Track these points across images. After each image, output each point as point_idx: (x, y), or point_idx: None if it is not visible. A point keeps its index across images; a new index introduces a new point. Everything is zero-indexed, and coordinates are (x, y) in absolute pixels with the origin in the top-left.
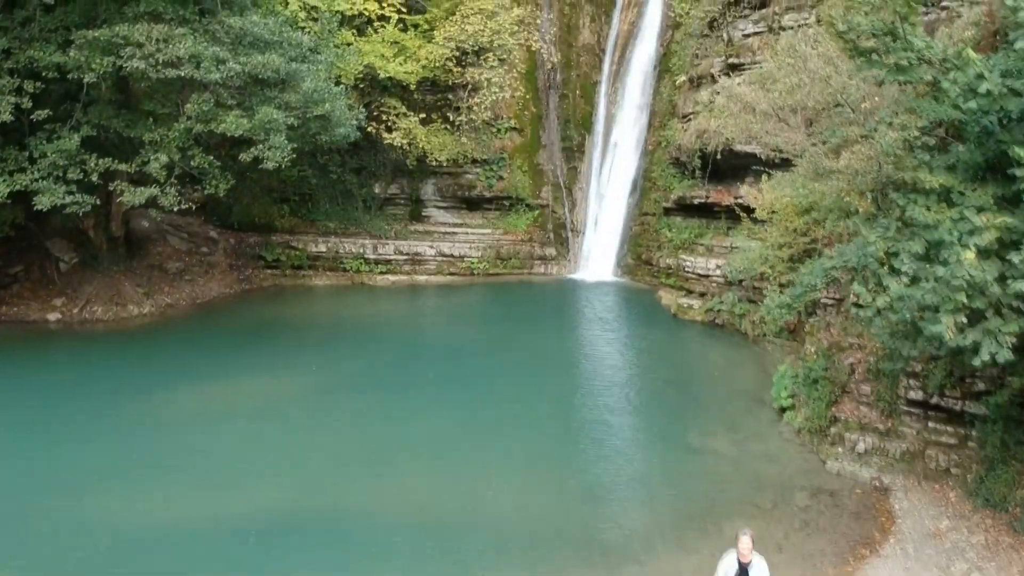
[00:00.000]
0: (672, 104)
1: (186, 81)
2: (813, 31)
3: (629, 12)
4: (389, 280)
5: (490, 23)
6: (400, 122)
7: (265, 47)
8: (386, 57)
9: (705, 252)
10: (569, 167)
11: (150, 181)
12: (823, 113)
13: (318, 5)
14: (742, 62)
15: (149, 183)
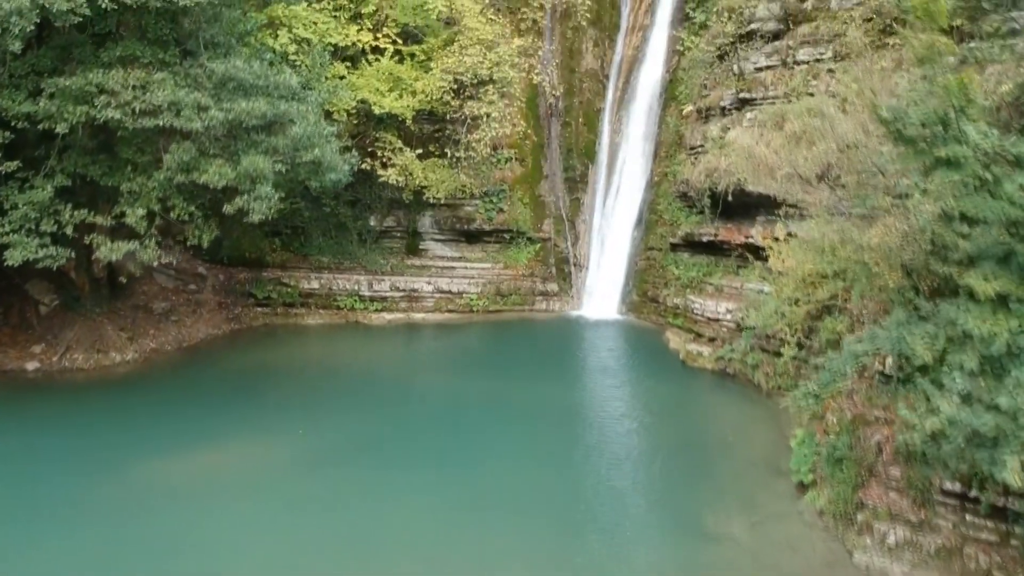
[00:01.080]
0: (679, 135)
1: (166, 129)
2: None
3: (633, 36)
4: (385, 319)
5: (490, 54)
6: (396, 158)
7: (250, 91)
8: (381, 91)
9: (715, 293)
10: (572, 198)
11: (129, 233)
12: (849, 174)
13: (309, 37)
14: (754, 97)
15: (127, 235)
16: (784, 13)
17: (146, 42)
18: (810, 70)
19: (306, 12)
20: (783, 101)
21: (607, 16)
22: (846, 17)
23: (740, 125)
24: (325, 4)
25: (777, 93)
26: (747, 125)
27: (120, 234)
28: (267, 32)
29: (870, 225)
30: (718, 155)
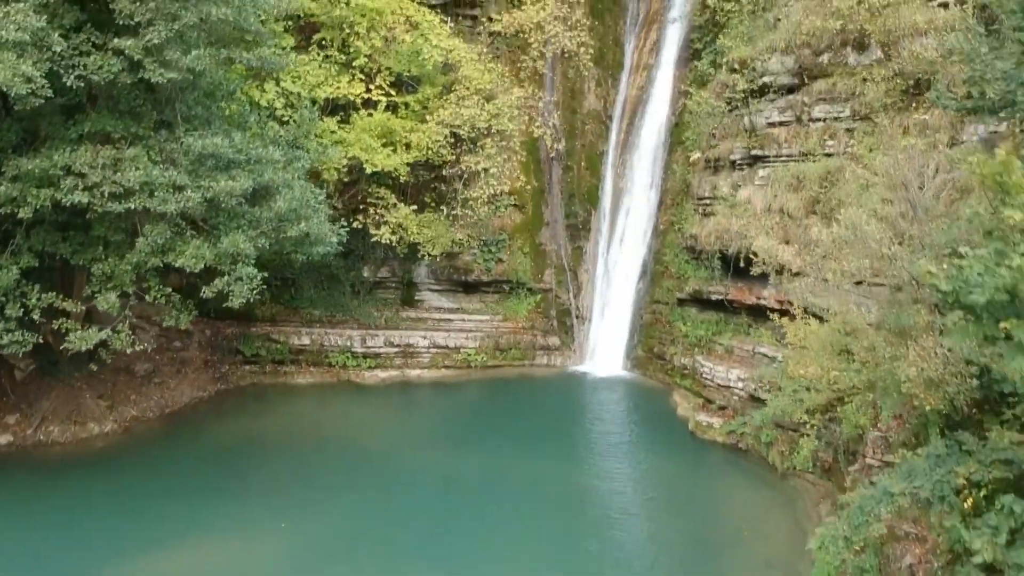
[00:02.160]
0: (686, 183)
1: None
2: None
3: (638, 76)
4: (378, 376)
5: (488, 105)
6: (389, 215)
7: (231, 166)
8: (373, 148)
9: (724, 355)
10: (574, 247)
11: (101, 316)
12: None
13: (299, 91)
14: (767, 154)
15: (100, 319)
16: (798, 67)
17: (118, 114)
18: (826, 129)
19: (293, 64)
20: (798, 159)
21: (610, 54)
22: (865, 74)
23: (752, 183)
24: (314, 54)
25: (792, 151)
26: (759, 183)
27: (92, 318)
28: (254, 85)
29: (903, 340)
30: (728, 215)
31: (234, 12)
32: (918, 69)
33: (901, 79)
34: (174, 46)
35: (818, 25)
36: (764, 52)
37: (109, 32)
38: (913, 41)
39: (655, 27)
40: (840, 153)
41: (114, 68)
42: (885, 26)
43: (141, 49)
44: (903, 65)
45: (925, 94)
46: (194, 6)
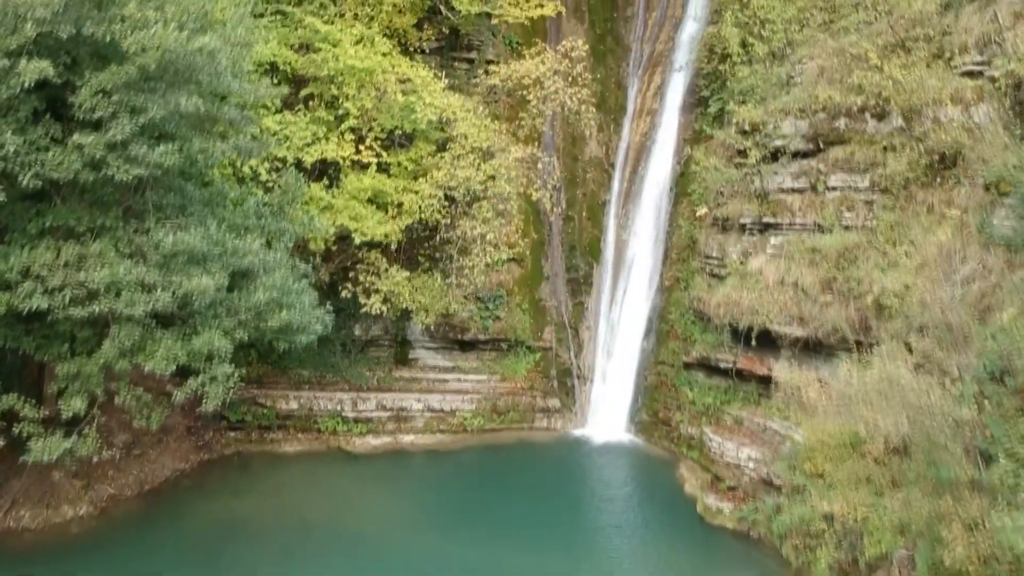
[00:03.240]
0: (692, 239)
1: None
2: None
3: (641, 121)
4: (370, 444)
5: (485, 166)
6: (381, 282)
7: (204, 259)
8: (363, 215)
9: (734, 427)
10: (575, 302)
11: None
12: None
13: (284, 155)
14: (779, 223)
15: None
16: (813, 132)
17: (84, 205)
18: (843, 199)
19: (279, 125)
20: (813, 230)
21: (612, 98)
22: (885, 143)
23: (763, 251)
24: (301, 113)
25: (806, 221)
26: (771, 252)
27: (56, 421)
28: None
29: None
30: (739, 287)
31: (208, 102)
32: (943, 143)
33: (925, 152)
34: (140, 140)
35: (837, 100)
36: (776, 114)
37: (70, 123)
38: (938, 110)
39: (659, 70)
40: (858, 226)
41: (75, 165)
42: (907, 96)
43: (103, 146)
44: (927, 138)
45: (952, 169)
46: (162, 98)
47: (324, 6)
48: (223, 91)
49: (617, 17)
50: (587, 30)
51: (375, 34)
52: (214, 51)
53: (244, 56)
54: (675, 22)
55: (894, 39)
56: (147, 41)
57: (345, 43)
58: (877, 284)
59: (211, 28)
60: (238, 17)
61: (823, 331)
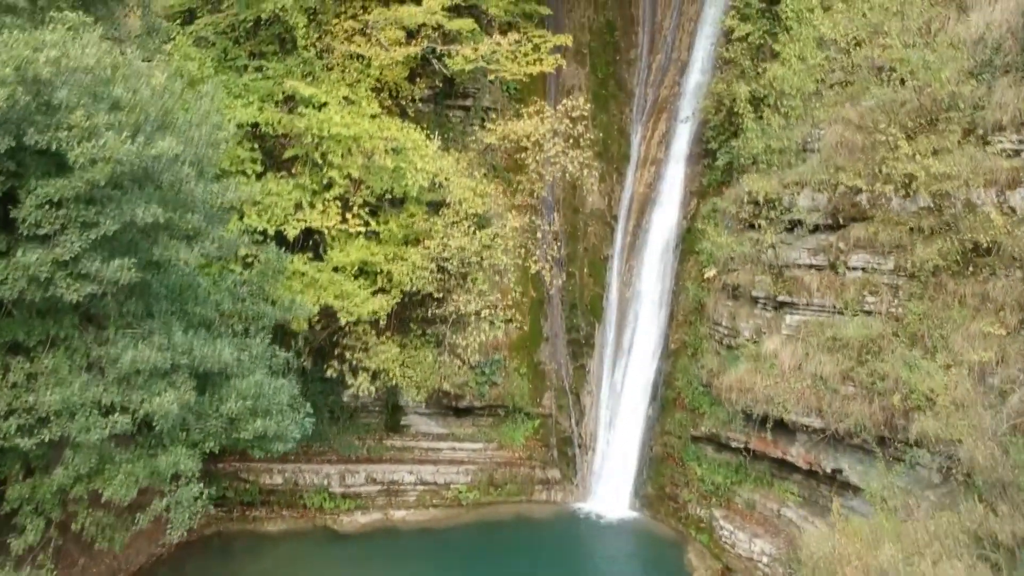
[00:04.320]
0: (700, 302)
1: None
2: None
3: (645, 171)
4: (359, 522)
5: (480, 234)
6: (369, 359)
7: (169, 372)
8: (349, 292)
9: (745, 510)
10: (576, 365)
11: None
12: None
13: (265, 227)
14: (795, 302)
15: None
16: (832, 207)
17: (35, 315)
18: (866, 282)
19: (261, 194)
20: (832, 312)
21: (615, 145)
22: (912, 224)
23: (778, 331)
24: (283, 180)
25: (824, 303)
26: (787, 333)
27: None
28: None
29: None
30: (752, 369)
31: (168, 212)
32: (976, 230)
33: (957, 239)
34: (92, 255)
35: (859, 183)
36: (792, 187)
37: (15, 235)
38: (969, 192)
39: (664, 117)
40: (882, 313)
41: (19, 284)
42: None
43: (50, 264)
44: (958, 223)
45: (986, 258)
46: (115, 210)
47: (309, 62)
48: (187, 197)
49: (620, 60)
50: (588, 74)
51: (363, 97)
52: (176, 156)
53: (212, 156)
54: (680, 66)
55: (919, 111)
56: (96, 152)
57: (331, 107)
58: (904, 383)
59: (174, 128)
60: (201, 115)
61: (844, 426)
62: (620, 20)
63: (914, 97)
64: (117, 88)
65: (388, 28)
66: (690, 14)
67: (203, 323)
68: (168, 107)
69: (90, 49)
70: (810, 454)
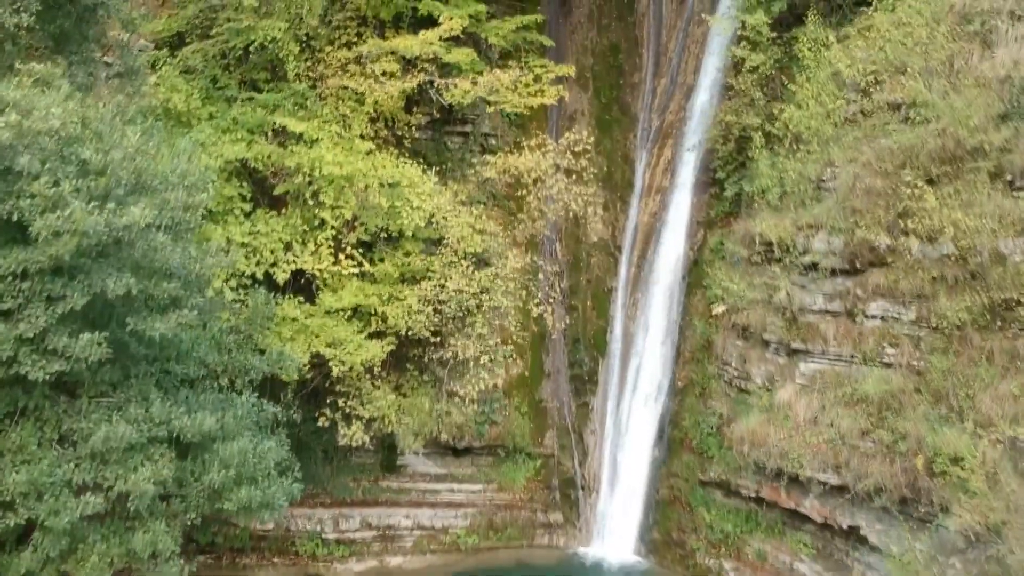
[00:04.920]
0: (708, 340)
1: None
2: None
3: (650, 200)
4: (353, 570)
5: (479, 275)
6: (363, 407)
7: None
8: (342, 339)
9: (756, 561)
10: (579, 403)
11: None
12: None
13: (253, 271)
14: (809, 349)
15: None
16: (850, 251)
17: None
18: (885, 332)
19: (249, 236)
20: (849, 361)
21: (619, 172)
22: (935, 273)
23: (792, 379)
24: (271, 219)
25: (841, 352)
26: (801, 382)
27: None
28: None
29: None
30: (764, 421)
31: (142, 281)
32: (1006, 283)
33: (984, 291)
34: (59, 330)
35: (876, 234)
36: (806, 229)
37: None
38: (997, 241)
39: (669, 143)
40: (903, 365)
41: None
42: (962, 235)
43: (13, 341)
44: (985, 274)
45: (1015, 311)
46: (84, 281)
47: (301, 94)
48: (162, 265)
49: (623, 84)
50: (591, 99)
51: (356, 135)
52: (149, 224)
53: (190, 220)
54: (686, 91)
55: (942, 153)
56: (61, 225)
57: (323, 144)
58: (928, 445)
59: (148, 190)
60: (178, 175)
61: (864, 486)
62: (624, 42)
63: (936, 139)
64: (86, 149)
65: (383, 59)
66: (696, 36)
67: (185, 381)
68: (141, 168)
69: (56, 109)
70: (825, 507)
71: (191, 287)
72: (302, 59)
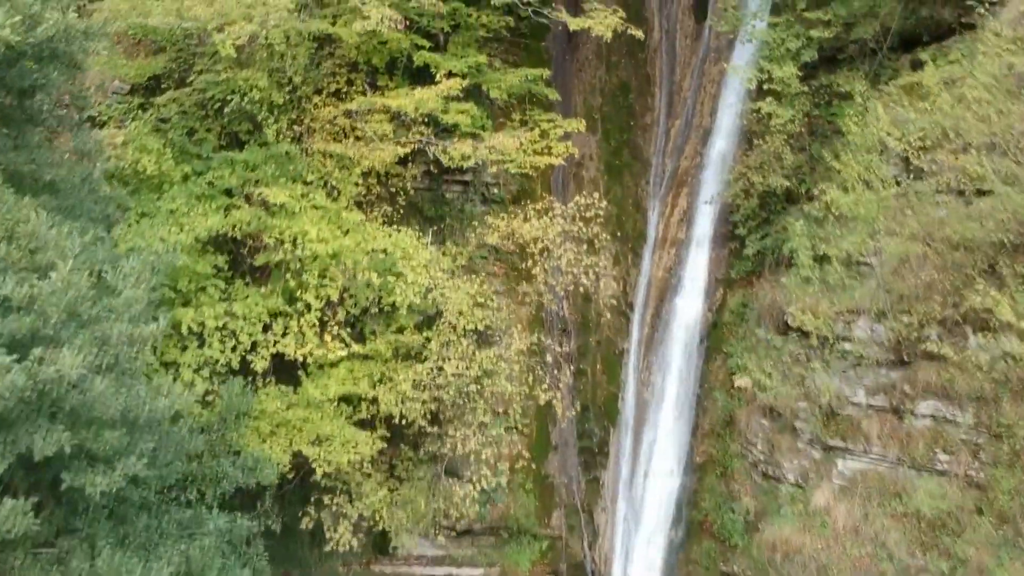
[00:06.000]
0: (729, 415)
1: None
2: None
3: (664, 254)
4: None
5: (480, 356)
6: (352, 506)
7: None
8: (327, 434)
9: None
10: (589, 478)
11: None
12: None
13: (228, 359)
14: (848, 447)
15: None
16: (896, 341)
17: None
18: (937, 435)
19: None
20: (893, 464)
21: (630, 222)
22: (998, 374)
23: (829, 478)
24: (252, 301)
25: (886, 454)
26: (840, 484)
27: None
28: (172, 342)
29: None
30: (799, 527)
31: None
32: None
33: None
34: None
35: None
36: (845, 314)
37: None
38: None
39: (684, 192)
40: (959, 476)
41: None
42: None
43: None
44: None
45: None
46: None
47: (287, 153)
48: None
49: (634, 126)
50: (600, 141)
51: (343, 207)
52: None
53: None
54: (702, 134)
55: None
56: None
57: (306, 219)
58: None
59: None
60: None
61: None
62: (635, 80)
63: (999, 226)
64: (6, 283)
65: (374, 118)
66: (713, 75)
67: (143, 506)
68: (74, 302)
69: None
70: None
71: (140, 431)
72: (287, 112)
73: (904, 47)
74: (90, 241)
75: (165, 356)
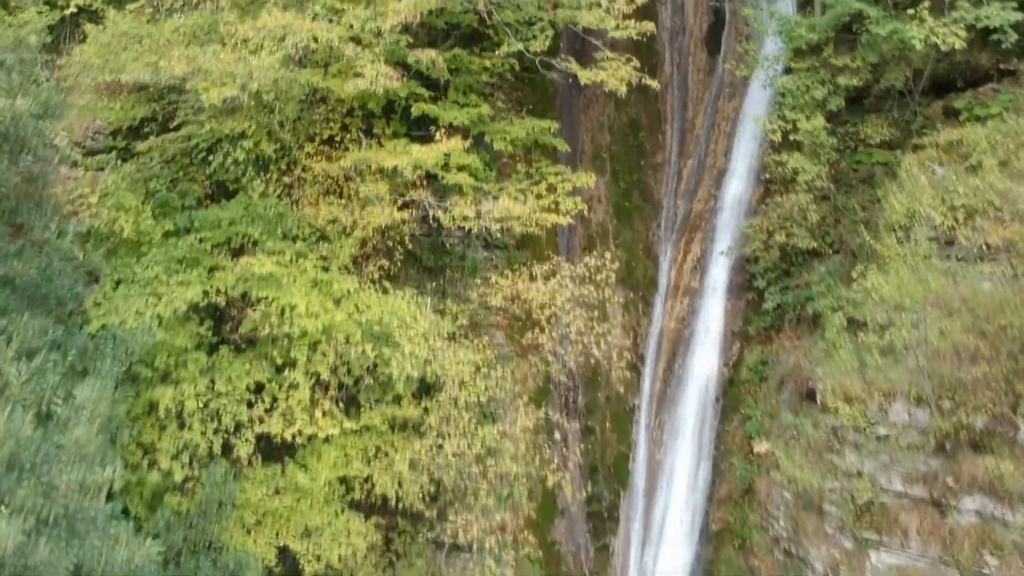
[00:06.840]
0: (748, 481)
1: None
2: None
3: (677, 303)
4: None
5: (483, 432)
6: None
7: None
8: (317, 526)
9: None
10: (598, 546)
11: None
12: None
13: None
14: (882, 540)
15: None
16: (936, 427)
17: None
18: (984, 534)
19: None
20: (934, 562)
21: (640, 268)
22: None
23: (862, 572)
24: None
25: (926, 551)
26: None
27: None
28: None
29: None
30: None
31: None
32: None
33: None
34: None
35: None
36: (880, 397)
37: None
38: None
39: (698, 237)
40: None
41: None
42: None
43: None
44: None
45: None
46: None
47: (275, 209)
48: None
49: (644, 166)
50: (608, 182)
51: (335, 278)
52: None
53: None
54: (716, 175)
55: None
56: None
57: (295, 291)
58: None
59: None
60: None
61: None
62: (645, 117)
63: None
64: None
65: (369, 178)
66: (727, 112)
67: None
68: (14, 449)
69: None
70: None
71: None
72: (276, 163)
73: (936, 92)
74: (44, 357)
75: (143, 437)
